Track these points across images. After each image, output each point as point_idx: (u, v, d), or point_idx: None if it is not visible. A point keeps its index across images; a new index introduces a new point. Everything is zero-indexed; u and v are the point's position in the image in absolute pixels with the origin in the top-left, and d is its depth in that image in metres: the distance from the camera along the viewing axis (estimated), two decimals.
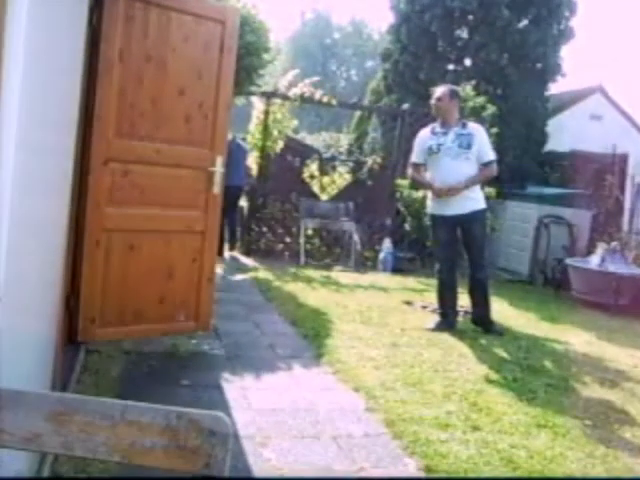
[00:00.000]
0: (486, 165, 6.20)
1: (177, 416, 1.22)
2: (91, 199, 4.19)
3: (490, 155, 6.25)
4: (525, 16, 12.31)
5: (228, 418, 1.24)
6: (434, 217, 6.39)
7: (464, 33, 12.60)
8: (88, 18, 3.52)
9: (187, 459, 1.19)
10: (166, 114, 4.45)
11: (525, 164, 11.94)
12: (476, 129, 6.33)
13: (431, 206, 6.46)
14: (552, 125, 13.04)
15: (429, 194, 6.51)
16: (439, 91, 6.30)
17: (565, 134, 13.02)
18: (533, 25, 12.23)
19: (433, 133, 6.28)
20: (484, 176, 6.32)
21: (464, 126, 6.26)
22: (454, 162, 6.09)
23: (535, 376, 5.01)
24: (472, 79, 8.67)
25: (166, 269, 4.59)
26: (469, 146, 6.12)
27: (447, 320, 6.32)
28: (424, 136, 6.38)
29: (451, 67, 12.66)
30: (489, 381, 4.79)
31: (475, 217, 6.20)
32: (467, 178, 6.06)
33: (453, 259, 6.43)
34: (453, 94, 6.30)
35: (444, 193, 6.08)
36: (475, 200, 6.20)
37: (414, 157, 6.46)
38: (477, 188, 6.28)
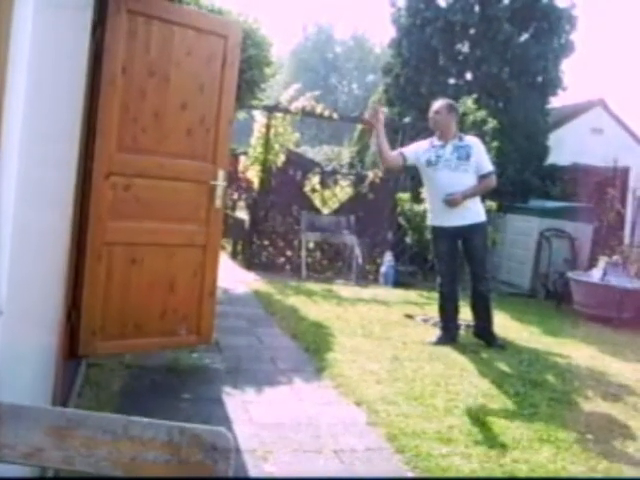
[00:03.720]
0: (485, 177, 6.24)
1: (179, 431, 1.21)
2: (93, 213, 4.19)
3: (488, 166, 6.30)
4: (526, 30, 12.36)
5: (230, 433, 1.24)
6: (435, 229, 6.40)
7: (465, 47, 12.64)
8: (91, 33, 3.53)
9: (189, 474, 1.19)
10: (168, 128, 4.45)
11: (526, 177, 11.95)
12: (473, 141, 6.38)
13: (431, 218, 6.49)
14: (553, 139, 13.07)
15: (429, 206, 6.53)
16: (437, 105, 6.34)
17: (566, 147, 13.04)
18: (534, 39, 12.28)
19: (432, 146, 6.30)
20: (484, 187, 6.32)
21: (461, 139, 6.30)
22: (453, 174, 6.11)
23: (537, 390, 4.99)
24: (473, 93, 8.69)
25: (167, 283, 4.59)
26: (468, 157, 6.16)
27: (449, 334, 6.31)
28: (422, 147, 6.42)
29: (452, 81, 12.69)
30: (491, 395, 4.78)
31: (475, 229, 6.22)
32: (467, 189, 6.09)
33: (454, 272, 6.42)
34: (451, 108, 6.33)
35: (451, 203, 6.09)
36: (475, 212, 6.22)
37: (404, 147, 6.64)
38: (477, 200, 6.30)
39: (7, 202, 1.58)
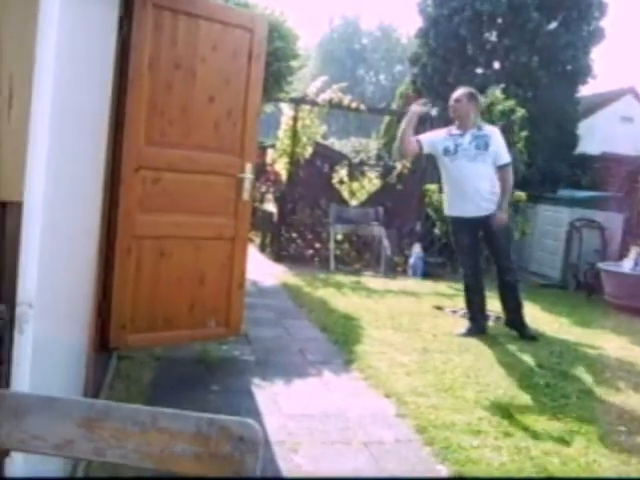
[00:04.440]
0: (502, 167, 6.13)
1: (208, 423, 1.22)
2: (122, 206, 4.22)
3: (506, 157, 6.18)
4: (555, 18, 12.22)
5: (258, 425, 1.24)
6: (453, 219, 6.36)
7: (493, 36, 12.53)
8: (117, 28, 3.55)
9: (218, 466, 1.19)
10: (195, 121, 4.47)
11: (556, 167, 11.84)
12: (492, 131, 6.29)
13: (449, 208, 6.41)
14: (583, 127, 12.93)
15: (445, 196, 6.48)
16: (457, 93, 6.27)
17: (596, 136, 12.91)
18: (563, 27, 12.14)
19: (450, 135, 6.23)
20: (509, 184, 6.19)
21: (480, 128, 6.21)
22: (471, 164, 6.05)
23: (568, 382, 4.95)
24: (501, 82, 8.62)
25: (196, 275, 4.61)
26: (486, 147, 6.07)
27: (477, 325, 6.28)
28: (440, 135, 6.36)
29: (480, 70, 12.60)
30: (521, 387, 4.75)
31: (491, 219, 6.11)
32: (498, 200, 6.05)
33: (477, 263, 6.39)
34: (471, 96, 6.23)
35: (498, 223, 6.09)
36: (493, 201, 6.10)
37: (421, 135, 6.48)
38: (496, 189, 6.14)
39: (36, 199, 1.59)
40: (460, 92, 6.25)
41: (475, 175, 6.04)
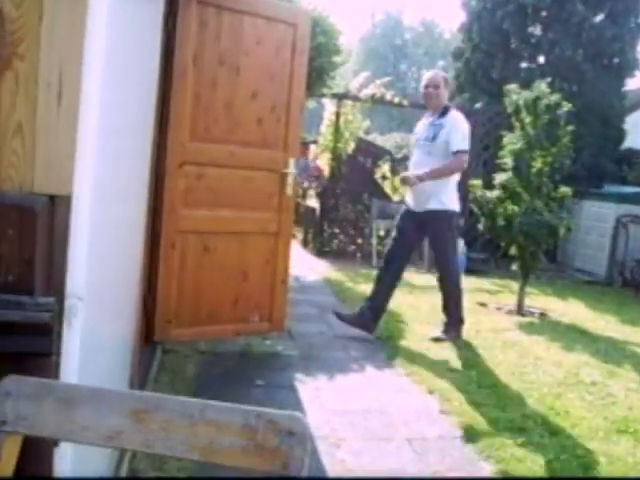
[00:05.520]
0: (455, 154, 5.54)
1: (255, 416, 1.22)
2: (167, 202, 4.26)
3: (457, 144, 5.53)
4: (600, 11, 12.00)
5: (306, 419, 1.24)
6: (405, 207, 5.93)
7: (537, 30, 12.35)
8: (163, 24, 3.58)
9: (265, 459, 1.19)
10: (239, 117, 4.49)
11: (602, 162, 11.64)
12: (450, 118, 5.64)
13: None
14: (630, 122, 12.68)
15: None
16: (434, 79, 5.76)
17: None
18: (609, 20, 11.93)
19: (428, 122, 5.81)
20: (447, 168, 5.54)
21: (442, 115, 5.66)
22: (420, 156, 5.72)
23: (615, 379, 4.88)
24: (546, 77, 8.47)
25: (240, 270, 4.64)
26: (434, 138, 5.58)
27: (358, 318, 5.75)
28: (420, 124, 5.97)
29: (524, 65, 12.43)
30: (566, 384, 4.69)
31: (433, 217, 5.60)
32: (445, 199, 5.59)
33: (397, 253, 5.77)
34: (446, 81, 5.80)
35: (403, 181, 5.76)
36: (436, 199, 5.56)
37: None
38: (443, 186, 5.58)
39: (84, 193, 1.61)
40: (436, 77, 5.78)
41: (420, 168, 5.63)
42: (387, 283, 5.80)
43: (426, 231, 5.79)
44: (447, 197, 5.62)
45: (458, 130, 5.59)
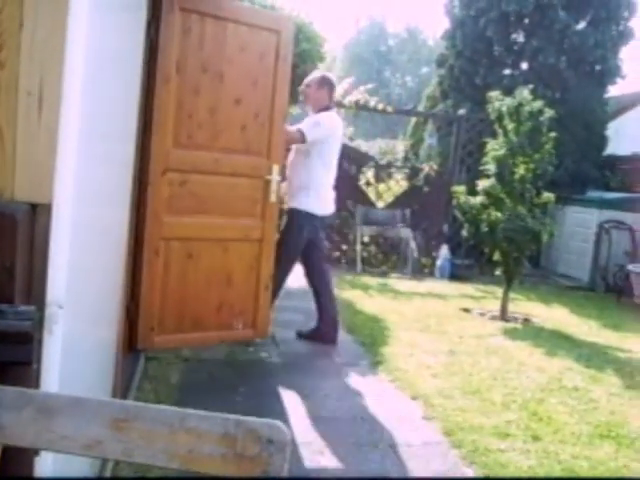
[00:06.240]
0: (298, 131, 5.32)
1: (235, 424, 1.22)
2: (150, 209, 4.25)
3: (304, 126, 5.34)
4: (583, 18, 12.09)
5: (286, 426, 1.24)
6: None
7: (520, 37, 12.42)
8: (145, 31, 3.58)
9: (245, 467, 1.19)
10: (223, 124, 4.49)
11: (584, 168, 11.71)
12: (319, 114, 5.47)
13: None
14: (612, 128, 12.77)
15: None
16: (309, 78, 5.63)
17: (626, 137, 12.73)
18: (591, 27, 12.01)
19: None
20: (286, 134, 5.07)
21: (317, 113, 5.49)
22: (292, 154, 5.57)
23: (597, 385, 4.91)
24: (529, 83, 8.53)
25: (224, 277, 4.63)
26: None
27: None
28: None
29: (507, 71, 12.49)
30: (549, 390, 4.71)
31: (289, 214, 5.50)
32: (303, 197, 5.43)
33: (281, 254, 5.22)
34: (323, 82, 5.53)
35: None
36: (293, 197, 5.50)
37: None
38: (302, 184, 5.44)
39: (65, 201, 1.61)
40: (313, 78, 5.60)
41: (290, 165, 5.56)
42: (317, 290, 5.77)
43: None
44: (308, 198, 5.45)
45: (313, 118, 5.45)
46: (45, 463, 1.58)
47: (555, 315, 7.05)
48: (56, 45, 1.58)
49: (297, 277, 8.76)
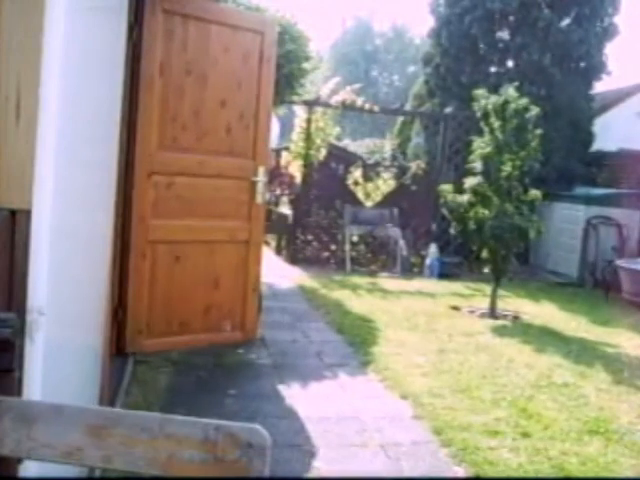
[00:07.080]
0: None
1: (215, 429, 1.22)
2: (136, 212, 4.24)
3: None
4: (567, 15, 12.13)
5: (265, 430, 1.23)
6: None
7: (505, 35, 12.45)
8: (127, 34, 3.56)
9: (225, 471, 1.19)
10: (208, 126, 4.49)
11: (571, 165, 11.74)
12: None
13: None
14: (598, 124, 12.80)
15: None
16: None
17: (612, 133, 12.77)
18: (575, 24, 12.05)
19: None
20: None
21: None
22: None
23: (586, 381, 4.92)
24: (515, 81, 8.54)
25: (211, 279, 4.62)
26: None
27: None
28: None
29: (493, 69, 12.52)
30: (539, 387, 4.72)
31: None
32: None
33: None
34: None
35: None
36: None
37: None
38: None
39: (45, 206, 1.60)
40: None
41: None
42: None
43: None
44: None
45: None
46: (29, 471, 1.57)
47: (544, 311, 7.06)
48: (33, 50, 1.56)
49: (285, 278, 8.77)
